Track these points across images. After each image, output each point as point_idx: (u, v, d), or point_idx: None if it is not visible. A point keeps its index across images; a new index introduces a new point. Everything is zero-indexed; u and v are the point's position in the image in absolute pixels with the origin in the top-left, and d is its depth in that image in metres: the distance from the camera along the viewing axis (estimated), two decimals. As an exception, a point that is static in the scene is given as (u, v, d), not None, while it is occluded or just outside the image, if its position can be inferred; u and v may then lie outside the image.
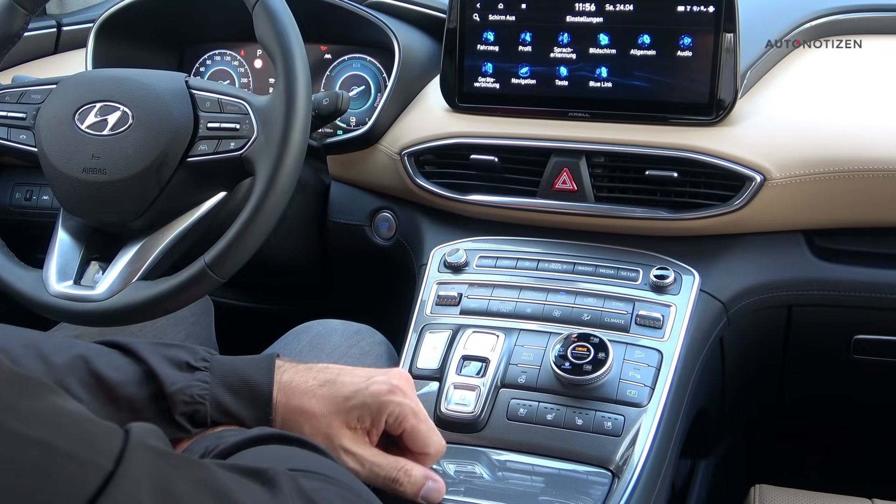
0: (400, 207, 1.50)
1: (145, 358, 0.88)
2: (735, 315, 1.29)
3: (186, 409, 0.87)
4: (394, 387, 0.91)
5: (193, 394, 0.87)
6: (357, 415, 0.90)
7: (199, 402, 0.87)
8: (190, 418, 0.87)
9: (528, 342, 1.19)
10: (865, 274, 1.29)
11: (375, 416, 0.90)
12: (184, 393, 0.87)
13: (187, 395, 0.87)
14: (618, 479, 1.03)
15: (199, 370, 0.89)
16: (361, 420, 0.90)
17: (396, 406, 0.90)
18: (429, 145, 1.39)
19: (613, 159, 1.31)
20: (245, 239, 1.07)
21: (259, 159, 1.09)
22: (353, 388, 0.91)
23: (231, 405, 0.88)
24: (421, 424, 0.92)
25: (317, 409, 0.89)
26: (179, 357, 0.90)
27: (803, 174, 1.23)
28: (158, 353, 0.89)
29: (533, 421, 1.09)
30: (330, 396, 0.90)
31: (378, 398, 0.90)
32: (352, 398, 0.90)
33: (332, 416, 0.89)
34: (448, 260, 1.33)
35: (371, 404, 0.90)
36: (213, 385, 0.88)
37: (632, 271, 1.27)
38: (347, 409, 0.90)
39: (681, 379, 1.15)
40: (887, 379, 1.49)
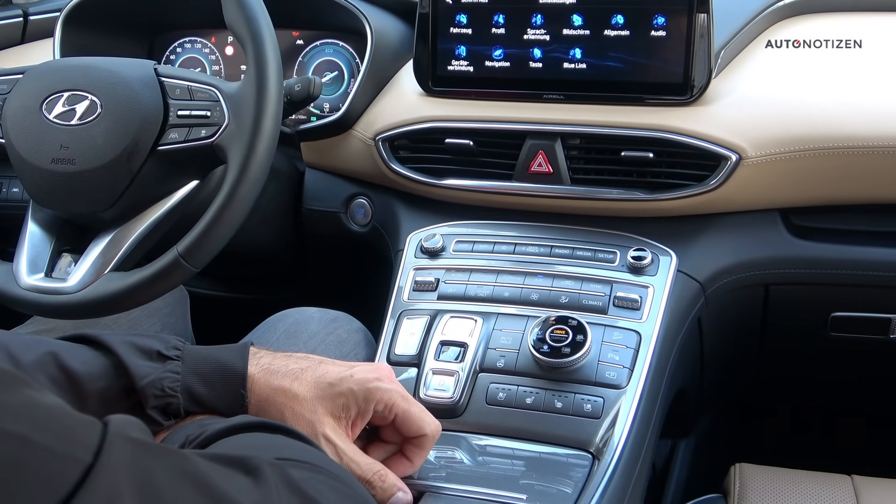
0: (375, 193, 1.49)
1: (115, 350, 0.86)
2: (713, 295, 1.29)
3: (158, 402, 0.86)
4: (380, 374, 0.91)
5: (164, 386, 0.86)
6: (343, 402, 0.89)
7: (171, 395, 0.86)
8: (162, 411, 0.87)
9: (506, 326, 1.19)
10: (841, 251, 1.30)
11: (363, 403, 0.89)
12: (155, 386, 0.86)
13: (158, 389, 0.86)
14: (598, 461, 1.03)
15: (170, 360, 0.88)
16: (347, 409, 0.89)
17: (384, 392, 0.90)
18: (403, 130, 1.39)
19: (589, 141, 1.31)
20: (218, 227, 1.06)
21: (231, 146, 1.08)
22: (339, 375, 0.90)
23: (204, 395, 0.88)
24: (412, 407, 0.91)
25: (300, 391, 0.89)
26: (150, 346, 0.89)
27: (778, 152, 1.24)
28: (128, 345, 0.88)
29: (512, 405, 1.10)
30: (315, 380, 0.90)
31: (365, 385, 0.89)
32: (338, 384, 0.89)
33: (316, 402, 0.88)
34: (424, 245, 1.32)
35: (358, 392, 0.89)
36: (184, 375, 0.88)
37: (609, 253, 1.27)
38: (333, 395, 0.89)
39: (659, 360, 1.16)
40: (864, 355, 1.51)
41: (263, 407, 0.89)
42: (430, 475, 1.00)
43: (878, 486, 1.19)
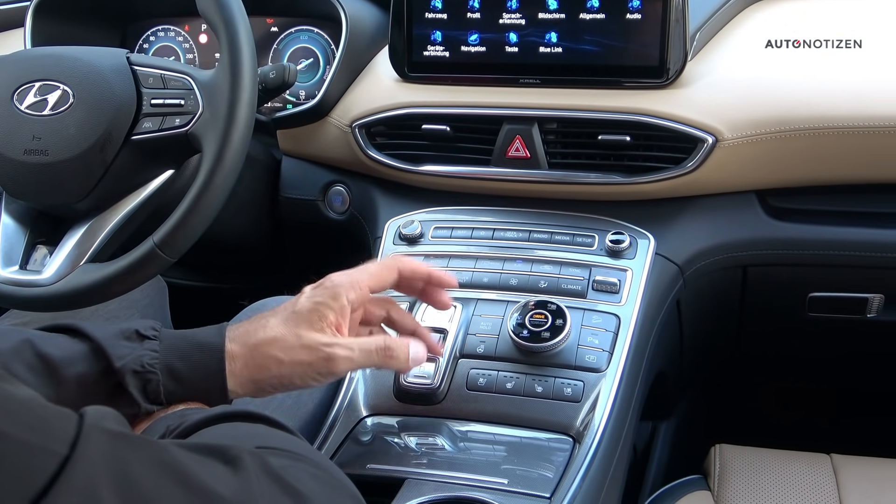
0: (352, 180, 1.49)
1: (92, 335, 0.86)
2: (691, 277, 1.30)
3: (138, 380, 0.85)
4: (327, 277, 0.94)
5: (143, 363, 0.85)
6: (317, 315, 0.90)
7: (151, 371, 0.85)
8: (143, 391, 0.86)
9: (485, 311, 1.19)
10: (818, 232, 1.31)
11: (334, 303, 0.91)
12: (134, 363, 0.85)
13: (137, 365, 0.85)
14: (579, 445, 1.03)
15: (148, 339, 0.88)
16: (324, 317, 0.90)
17: (343, 280, 0.93)
18: (379, 116, 1.38)
19: (566, 125, 1.31)
20: (194, 217, 1.06)
21: (205, 135, 1.08)
22: (297, 302, 0.92)
23: (183, 370, 0.86)
24: (370, 267, 0.96)
25: (277, 332, 0.89)
26: (127, 328, 0.88)
27: (754, 134, 1.24)
28: (106, 329, 0.87)
29: (493, 390, 1.10)
30: (282, 319, 0.91)
31: (323, 290, 0.92)
32: (302, 307, 0.91)
33: (295, 331, 0.89)
34: (403, 232, 1.32)
35: (322, 299, 0.91)
36: (163, 352, 0.87)
37: (587, 237, 1.28)
38: (304, 316, 0.90)
39: (639, 343, 1.16)
40: (842, 335, 1.52)
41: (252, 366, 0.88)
42: (412, 462, 1.00)
43: (856, 465, 1.20)
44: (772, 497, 1.16)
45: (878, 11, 1.38)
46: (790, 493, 1.16)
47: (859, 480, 1.17)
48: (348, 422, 1.09)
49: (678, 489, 1.20)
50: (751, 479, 1.18)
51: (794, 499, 1.15)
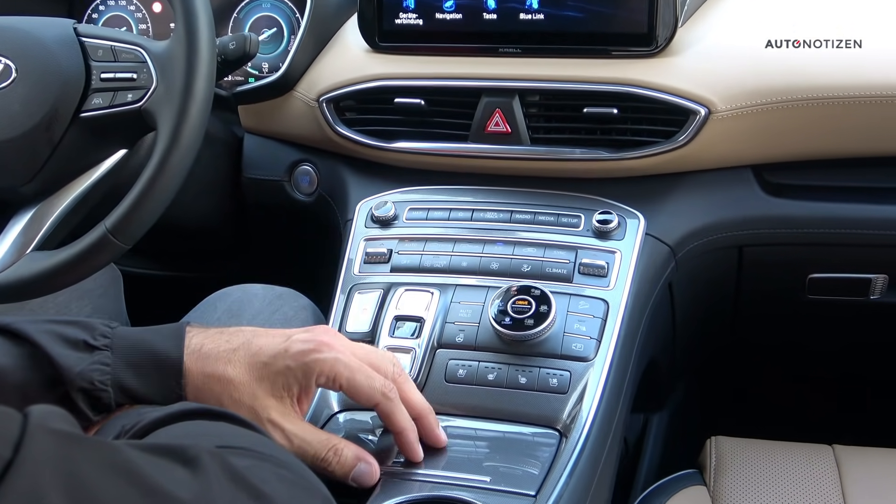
0: (321, 159, 1.48)
1: (36, 340, 0.84)
2: (684, 258, 1.30)
3: (86, 396, 0.84)
4: (318, 343, 0.89)
5: (94, 379, 0.85)
6: (282, 381, 0.88)
7: (101, 389, 0.85)
8: (92, 406, 0.85)
9: (464, 298, 1.19)
10: (818, 209, 1.31)
11: (303, 380, 0.88)
12: (83, 378, 0.84)
13: (87, 382, 0.84)
14: (566, 439, 1.03)
15: (98, 349, 0.86)
16: (288, 387, 0.88)
17: (324, 364, 0.87)
18: (348, 90, 1.38)
19: (548, 97, 1.31)
20: (149, 200, 1.05)
21: (160, 111, 1.07)
22: (273, 351, 0.89)
23: (136, 387, 0.86)
24: (357, 375, 0.89)
25: (235, 375, 0.87)
26: (75, 336, 0.87)
27: (750, 105, 1.24)
28: (51, 333, 0.86)
29: (473, 382, 1.10)
30: (249, 361, 0.88)
31: (302, 359, 0.88)
32: (272, 363, 0.88)
33: (255, 385, 0.87)
34: (375, 214, 1.32)
35: (295, 368, 0.87)
36: (115, 367, 0.86)
37: (573, 217, 1.28)
38: (271, 375, 0.87)
39: (629, 329, 1.16)
40: (844, 318, 1.53)
41: (200, 396, 0.88)
42: (387, 460, 1.00)
43: (859, 456, 1.21)
44: (771, 491, 1.16)
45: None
46: (791, 487, 1.16)
47: (863, 472, 1.18)
48: (319, 418, 1.09)
49: (672, 484, 1.21)
50: (749, 472, 1.19)
51: (794, 493, 1.16)
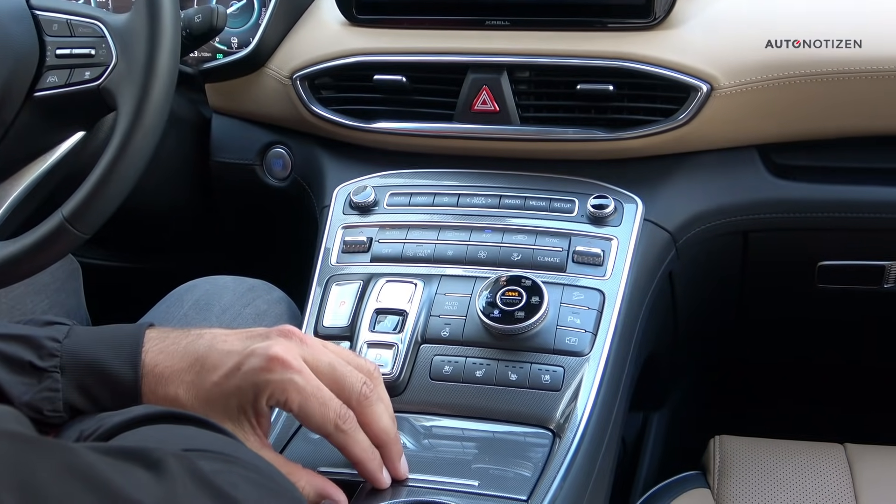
0: (295, 141, 1.48)
1: None
2: (684, 246, 1.31)
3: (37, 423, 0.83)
4: (270, 359, 0.83)
5: (43, 409, 0.84)
6: (235, 403, 0.84)
7: (53, 416, 0.84)
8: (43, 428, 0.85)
9: (450, 289, 1.19)
10: (828, 191, 1.31)
11: (253, 402, 0.84)
12: (31, 409, 0.83)
13: (36, 412, 0.83)
14: (559, 439, 1.04)
15: (46, 372, 0.85)
16: (242, 409, 0.84)
17: (275, 385, 0.83)
18: (324, 66, 1.37)
19: (539, 73, 1.31)
20: (110, 186, 1.05)
21: (121, 90, 1.06)
22: (225, 370, 0.84)
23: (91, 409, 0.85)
24: (309, 401, 0.83)
25: (185, 399, 0.85)
26: (20, 357, 0.85)
27: (755, 80, 1.24)
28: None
29: (460, 379, 1.10)
30: (198, 383, 0.85)
31: (252, 379, 0.83)
32: (222, 384, 0.84)
33: (205, 408, 0.84)
34: (354, 199, 1.32)
35: (246, 389, 0.83)
36: (65, 390, 0.85)
37: (566, 202, 1.28)
38: (222, 397, 0.84)
39: (626, 322, 1.17)
40: (855, 309, 1.53)
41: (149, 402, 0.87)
42: (368, 463, 1.00)
43: (873, 455, 1.21)
44: (779, 493, 1.17)
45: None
46: (800, 489, 1.17)
47: (878, 472, 1.18)
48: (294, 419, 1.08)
49: (674, 487, 1.21)
50: (755, 473, 1.19)
51: (804, 495, 1.16)
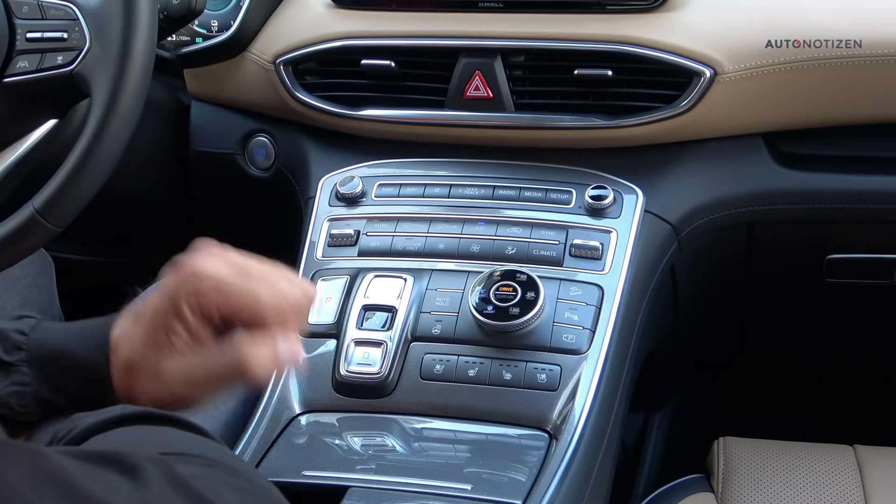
0: (278, 129, 1.48)
1: None
2: (687, 238, 1.31)
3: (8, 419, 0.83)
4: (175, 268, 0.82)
5: (12, 404, 0.84)
6: (160, 322, 0.82)
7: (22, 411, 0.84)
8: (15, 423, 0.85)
9: (442, 285, 1.19)
10: (837, 181, 1.32)
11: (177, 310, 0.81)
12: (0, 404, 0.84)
13: (5, 408, 0.83)
14: (556, 441, 1.04)
15: (13, 366, 0.85)
16: (168, 327, 0.81)
17: (183, 281, 0.81)
18: (309, 50, 1.37)
19: (535, 58, 1.31)
20: (83, 177, 1.04)
21: (95, 76, 1.06)
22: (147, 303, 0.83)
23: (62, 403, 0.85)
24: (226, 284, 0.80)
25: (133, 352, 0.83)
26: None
27: (761, 65, 1.24)
28: None
29: (452, 379, 1.10)
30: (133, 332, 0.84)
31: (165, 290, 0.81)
32: (142, 313, 0.83)
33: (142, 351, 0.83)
34: (340, 191, 1.31)
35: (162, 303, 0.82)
36: (34, 384, 0.85)
37: (563, 192, 1.28)
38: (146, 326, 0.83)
39: (626, 318, 1.17)
40: (865, 304, 1.54)
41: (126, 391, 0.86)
42: (356, 467, 1.00)
43: (884, 457, 1.22)
44: (786, 497, 1.17)
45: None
46: (807, 493, 1.17)
47: (888, 474, 1.19)
48: (278, 420, 1.09)
49: (676, 491, 1.22)
50: (761, 476, 1.19)
51: (812, 499, 1.17)
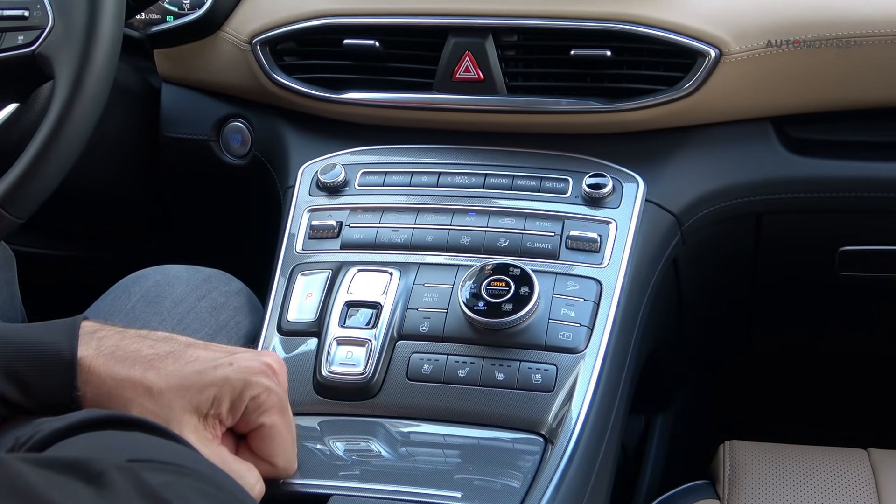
0: (255, 114, 1.48)
1: None
2: (691, 230, 1.31)
3: None
4: (265, 365, 0.89)
5: None
6: (213, 394, 0.87)
7: None
8: None
9: (430, 279, 1.19)
10: (850, 168, 1.32)
11: (237, 399, 0.87)
12: None
13: None
14: (552, 445, 1.04)
15: None
16: (217, 402, 0.87)
17: (265, 391, 0.88)
18: (288, 29, 1.37)
19: (529, 37, 1.31)
20: (46, 165, 1.04)
21: (58, 57, 1.06)
22: (213, 361, 0.88)
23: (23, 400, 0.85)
24: (284, 426, 0.90)
25: (155, 382, 0.86)
26: None
27: (769, 45, 1.25)
28: None
29: (441, 380, 1.10)
30: (176, 370, 0.87)
31: (245, 375, 0.87)
32: (208, 372, 0.87)
33: (175, 395, 0.86)
34: (321, 179, 1.31)
35: (235, 381, 0.87)
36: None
37: (559, 181, 1.28)
38: (200, 386, 0.87)
39: (626, 314, 1.17)
40: (880, 300, 1.54)
41: (103, 402, 0.87)
42: (338, 474, 1.00)
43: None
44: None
45: None
46: (818, 500, 1.17)
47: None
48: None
49: (679, 498, 1.22)
50: (769, 482, 1.20)
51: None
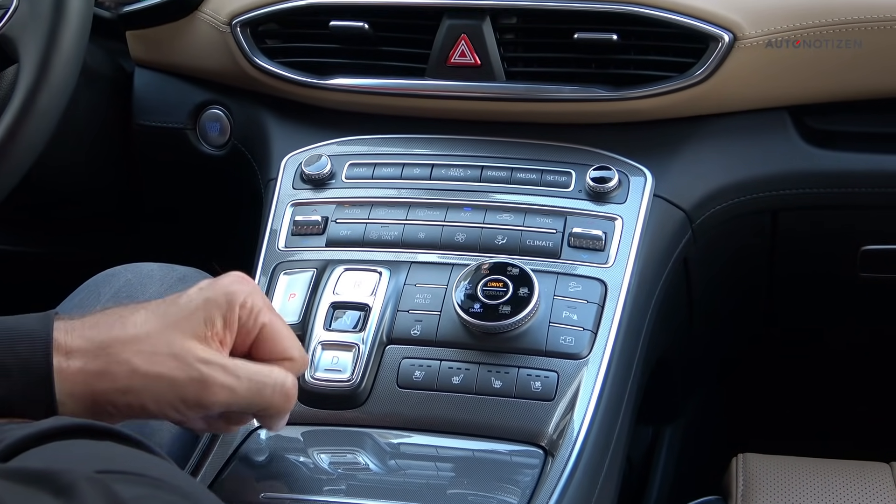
0: (234, 101, 1.48)
1: None
2: (702, 227, 1.31)
3: None
4: (236, 276, 0.93)
5: None
6: (203, 316, 0.89)
7: None
8: None
9: (422, 279, 1.19)
10: (873, 162, 1.32)
11: (227, 311, 0.89)
12: None
13: None
14: (552, 458, 1.04)
15: None
16: (210, 322, 0.89)
17: (248, 294, 0.91)
18: (269, 10, 1.37)
19: (529, 19, 1.31)
20: (11, 155, 1.05)
21: (23, 39, 1.06)
22: (186, 296, 0.91)
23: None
24: (281, 322, 0.94)
25: (143, 327, 0.87)
26: None
27: (787, 29, 1.25)
28: None
29: (433, 387, 1.10)
30: (158, 315, 0.89)
31: (223, 289, 0.91)
32: (189, 304, 0.89)
33: (169, 330, 0.87)
34: (306, 171, 1.31)
35: (216, 297, 0.90)
36: None
37: (561, 174, 1.28)
38: (189, 313, 0.89)
39: (632, 317, 1.17)
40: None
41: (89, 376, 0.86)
42: (323, 488, 1.00)
43: (925, 475, 1.22)
44: (813, 523, 1.18)
45: None
46: (837, 516, 1.18)
47: (929, 496, 1.19)
48: (234, 434, 1.08)
49: (688, 514, 1.22)
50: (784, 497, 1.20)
51: (842, 523, 1.17)
